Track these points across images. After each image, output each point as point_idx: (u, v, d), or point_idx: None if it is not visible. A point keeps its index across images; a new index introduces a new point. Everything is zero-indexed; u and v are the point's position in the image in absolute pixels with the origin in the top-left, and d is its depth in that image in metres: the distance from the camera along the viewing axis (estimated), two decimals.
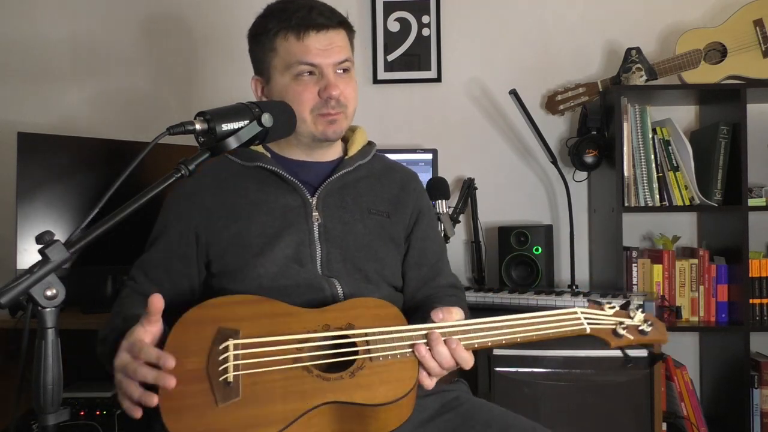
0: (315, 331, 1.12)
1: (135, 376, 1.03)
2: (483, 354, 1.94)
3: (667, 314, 2.24)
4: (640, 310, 1.19)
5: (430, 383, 1.13)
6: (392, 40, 2.60)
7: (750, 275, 2.23)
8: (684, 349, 2.50)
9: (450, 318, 1.15)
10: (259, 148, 1.39)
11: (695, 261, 2.34)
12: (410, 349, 1.11)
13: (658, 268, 2.34)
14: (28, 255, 2.03)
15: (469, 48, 2.61)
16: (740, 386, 2.22)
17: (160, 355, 1.03)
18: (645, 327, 1.18)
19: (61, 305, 0.92)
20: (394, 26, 2.61)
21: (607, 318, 1.18)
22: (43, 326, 0.91)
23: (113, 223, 0.97)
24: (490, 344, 1.15)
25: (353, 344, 1.11)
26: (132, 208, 0.99)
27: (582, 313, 1.18)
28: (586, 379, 1.93)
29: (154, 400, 1.01)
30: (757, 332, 2.27)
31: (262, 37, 1.34)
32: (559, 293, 2.09)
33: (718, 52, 2.42)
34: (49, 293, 0.90)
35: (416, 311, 1.35)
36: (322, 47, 1.30)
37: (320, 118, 1.33)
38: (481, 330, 1.15)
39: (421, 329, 1.13)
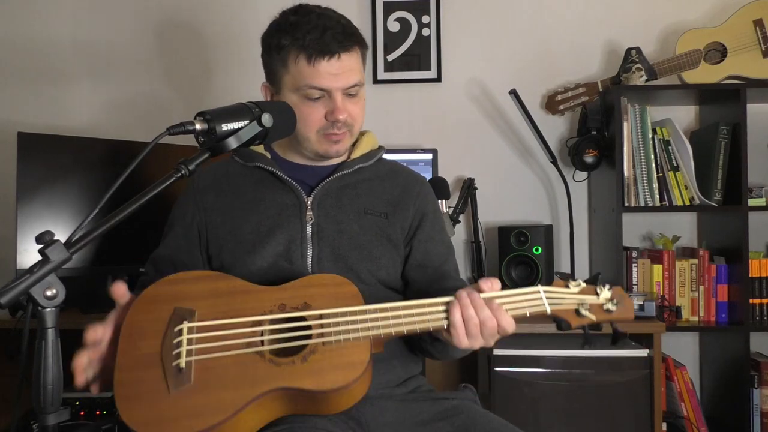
0: (271, 311, 1.12)
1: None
2: (483, 354, 1.94)
3: (667, 314, 2.24)
4: (608, 287, 1.14)
5: (468, 343, 1.11)
6: (392, 40, 2.60)
7: (750, 275, 2.24)
8: (684, 349, 2.50)
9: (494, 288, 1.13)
10: (261, 149, 1.40)
11: (695, 261, 2.34)
12: (360, 333, 1.09)
13: (658, 268, 2.34)
14: (28, 255, 2.03)
15: (469, 48, 2.61)
16: (740, 386, 2.22)
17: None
18: (610, 306, 1.13)
19: (61, 305, 0.92)
20: (394, 26, 2.61)
21: (570, 296, 1.13)
22: (43, 326, 0.91)
23: (113, 223, 0.97)
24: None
25: (308, 326, 1.11)
26: (132, 208, 0.99)
27: (545, 292, 1.13)
28: (586, 379, 1.93)
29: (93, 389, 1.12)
30: (757, 332, 2.27)
31: (275, 51, 1.33)
32: None
33: (718, 52, 2.42)
34: (49, 293, 0.90)
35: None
36: (334, 72, 1.30)
37: (325, 138, 1.34)
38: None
39: (376, 309, 1.11)
